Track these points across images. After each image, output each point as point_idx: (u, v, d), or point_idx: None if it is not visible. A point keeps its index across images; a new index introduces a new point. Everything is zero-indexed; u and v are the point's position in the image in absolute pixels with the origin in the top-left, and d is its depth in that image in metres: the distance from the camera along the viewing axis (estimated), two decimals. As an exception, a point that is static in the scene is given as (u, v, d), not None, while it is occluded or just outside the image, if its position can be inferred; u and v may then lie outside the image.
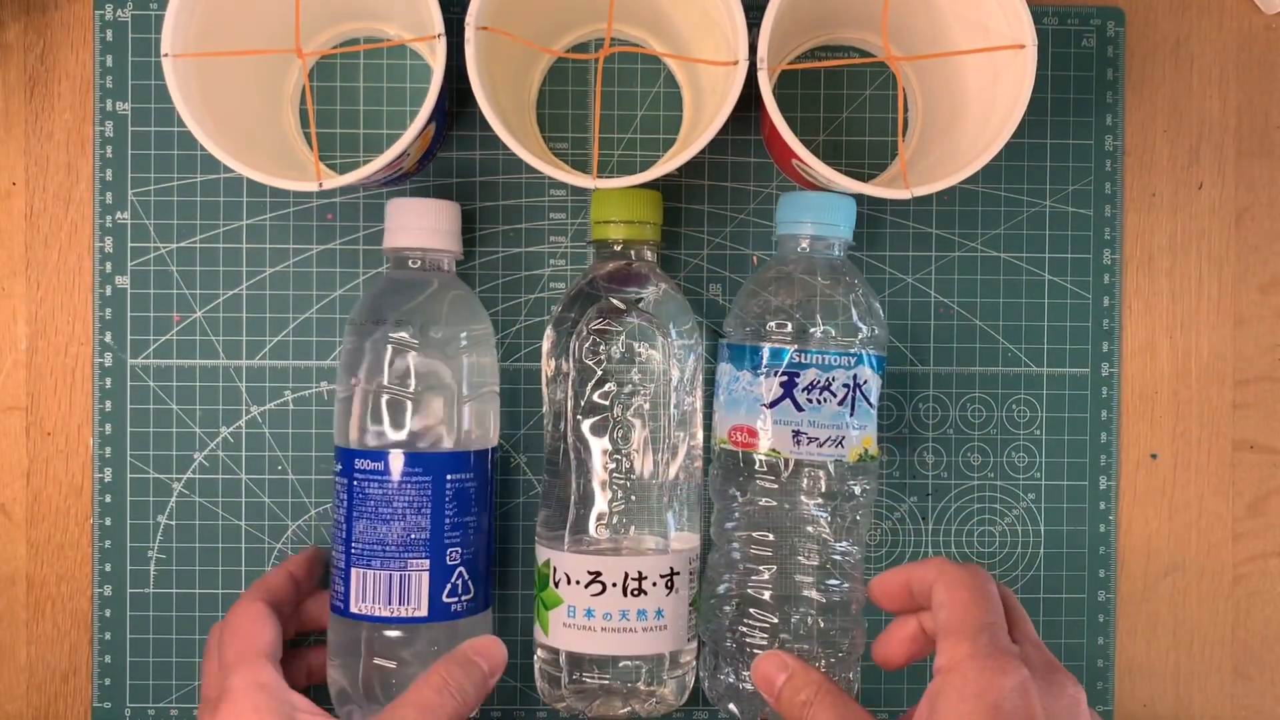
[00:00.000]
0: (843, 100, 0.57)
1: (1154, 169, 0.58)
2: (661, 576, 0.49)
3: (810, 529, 0.50)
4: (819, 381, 0.49)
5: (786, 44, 0.55)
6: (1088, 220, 0.57)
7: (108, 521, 0.56)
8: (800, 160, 0.48)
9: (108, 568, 0.56)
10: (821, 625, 0.50)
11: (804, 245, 0.52)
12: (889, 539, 0.57)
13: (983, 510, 0.57)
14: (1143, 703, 0.58)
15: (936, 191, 0.48)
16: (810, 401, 0.49)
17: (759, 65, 0.47)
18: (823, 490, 0.50)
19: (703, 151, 0.47)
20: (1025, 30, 0.47)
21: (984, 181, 0.57)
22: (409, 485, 0.49)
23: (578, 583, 0.49)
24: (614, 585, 0.49)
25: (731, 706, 0.51)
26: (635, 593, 0.49)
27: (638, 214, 0.52)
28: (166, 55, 0.46)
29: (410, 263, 0.51)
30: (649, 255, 0.53)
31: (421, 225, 0.51)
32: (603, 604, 0.48)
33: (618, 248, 0.52)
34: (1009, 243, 0.57)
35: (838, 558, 0.50)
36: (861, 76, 0.57)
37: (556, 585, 0.50)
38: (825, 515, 0.50)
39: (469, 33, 0.46)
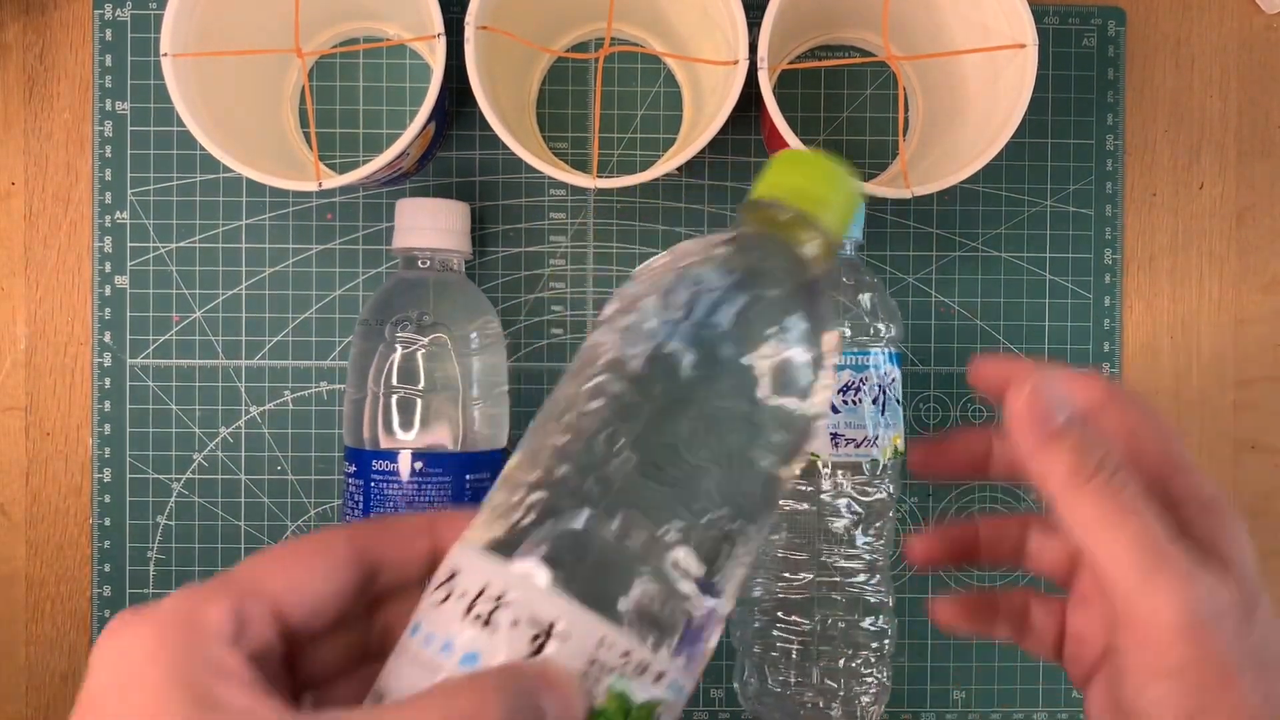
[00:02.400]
0: (843, 100, 0.57)
1: (1155, 169, 0.58)
2: None
3: (841, 530, 0.50)
4: (853, 382, 0.49)
5: (787, 43, 0.55)
6: (1088, 220, 0.57)
7: (107, 522, 0.56)
8: (801, 160, 0.48)
9: (107, 568, 0.56)
10: (854, 625, 0.50)
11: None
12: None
13: (983, 511, 0.57)
14: (1144, 703, 0.58)
15: (937, 191, 0.48)
16: (846, 403, 0.49)
17: (759, 65, 0.47)
18: (855, 491, 0.50)
19: (703, 151, 0.47)
20: (1026, 30, 0.47)
21: (984, 181, 0.57)
22: (429, 486, 0.49)
23: None
24: None
25: (770, 713, 0.51)
26: None
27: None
28: (166, 55, 0.46)
29: (420, 263, 0.51)
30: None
31: (433, 225, 0.51)
32: None
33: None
34: (1010, 242, 0.57)
35: (868, 557, 0.50)
36: (862, 76, 0.57)
37: None
38: (857, 515, 0.50)
39: (469, 32, 0.46)
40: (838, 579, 0.50)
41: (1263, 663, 0.29)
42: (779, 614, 0.50)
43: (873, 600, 0.50)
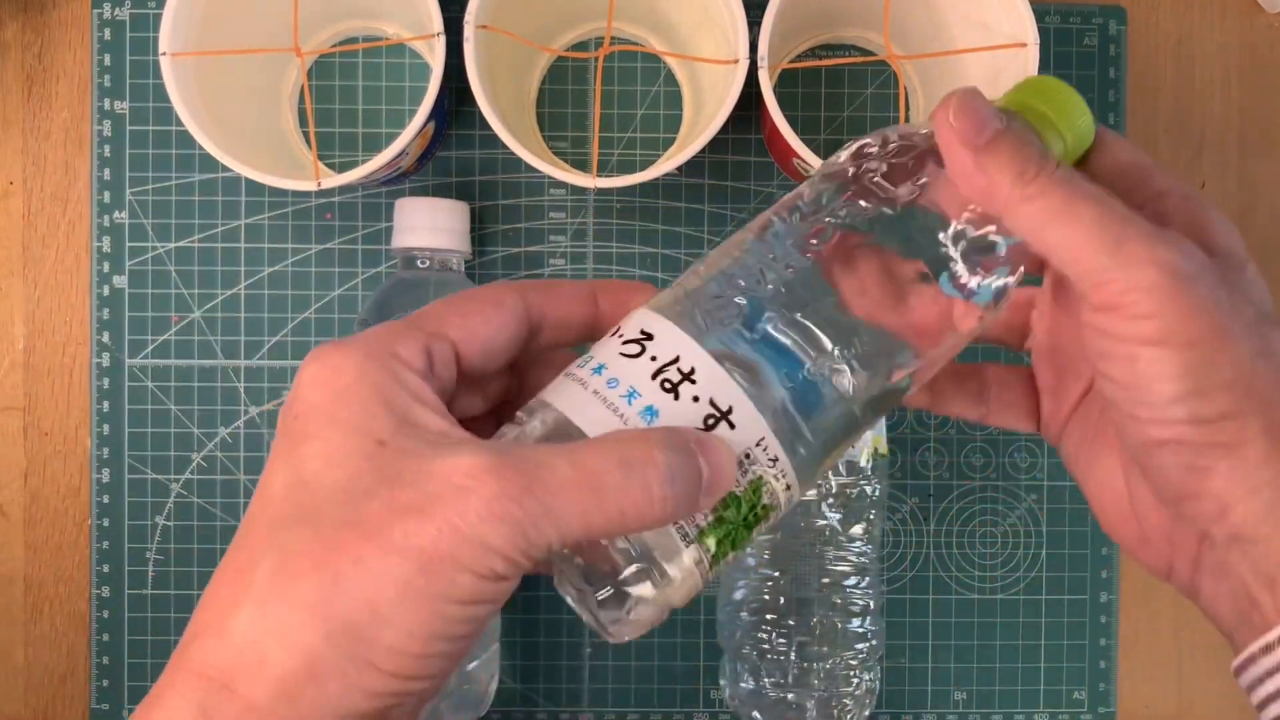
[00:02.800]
0: (844, 99, 0.57)
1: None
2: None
3: (824, 531, 0.50)
4: None
5: (787, 42, 0.55)
6: (1090, 220, 0.57)
7: (106, 522, 0.55)
8: (801, 159, 0.48)
9: (106, 569, 0.55)
10: (840, 627, 0.50)
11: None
12: (890, 540, 0.57)
13: (985, 511, 0.57)
14: (1145, 703, 0.58)
15: (938, 191, 0.48)
16: None
17: (759, 64, 0.46)
18: (834, 492, 0.50)
19: (703, 150, 0.47)
20: (1027, 29, 0.47)
21: (985, 181, 0.57)
22: None
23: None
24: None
25: (755, 714, 0.51)
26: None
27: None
28: (164, 54, 0.46)
29: (419, 263, 0.51)
30: None
31: (432, 225, 0.51)
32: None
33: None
34: (1011, 242, 0.57)
35: (854, 559, 0.50)
36: (863, 75, 0.57)
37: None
38: (838, 516, 0.50)
39: (468, 31, 0.46)
40: (825, 580, 0.50)
41: (1250, 320, 0.29)
42: (765, 615, 0.50)
43: (859, 603, 0.50)
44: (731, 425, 0.28)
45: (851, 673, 0.50)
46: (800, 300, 0.30)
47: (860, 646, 0.50)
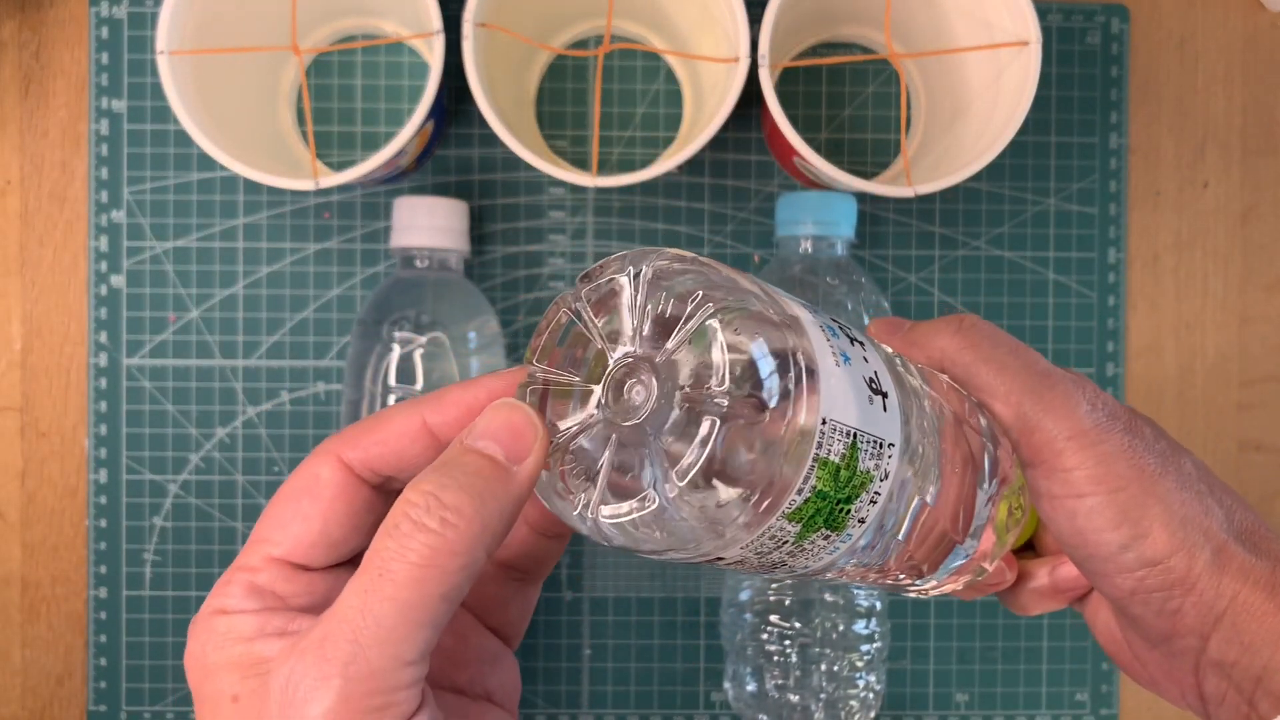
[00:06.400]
0: (845, 97, 0.57)
1: (1159, 167, 0.57)
2: None
3: None
4: None
5: (788, 41, 0.55)
6: (1092, 219, 0.57)
7: (103, 523, 0.55)
8: (802, 158, 0.47)
9: (103, 570, 0.55)
10: (842, 629, 0.49)
11: (806, 246, 0.51)
12: (891, 541, 0.57)
13: (986, 512, 0.57)
14: (1147, 705, 0.57)
15: (940, 190, 0.48)
16: None
17: (760, 62, 0.46)
18: None
19: (703, 149, 0.47)
20: (1029, 27, 0.46)
21: (988, 179, 0.57)
22: None
23: None
24: None
25: (761, 717, 0.50)
26: None
27: None
28: (162, 53, 0.46)
29: (418, 262, 0.51)
30: None
31: (430, 224, 0.50)
32: None
33: None
34: (1013, 241, 0.57)
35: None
36: (864, 73, 0.56)
37: None
38: None
39: (467, 29, 0.46)
40: (825, 581, 0.49)
41: (1163, 451, 0.29)
42: (769, 616, 0.50)
43: (864, 604, 0.50)
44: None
45: (857, 674, 0.50)
46: None
47: (865, 648, 0.50)
